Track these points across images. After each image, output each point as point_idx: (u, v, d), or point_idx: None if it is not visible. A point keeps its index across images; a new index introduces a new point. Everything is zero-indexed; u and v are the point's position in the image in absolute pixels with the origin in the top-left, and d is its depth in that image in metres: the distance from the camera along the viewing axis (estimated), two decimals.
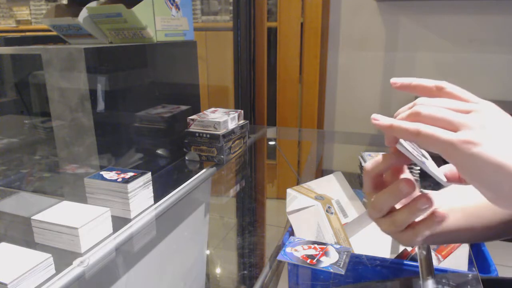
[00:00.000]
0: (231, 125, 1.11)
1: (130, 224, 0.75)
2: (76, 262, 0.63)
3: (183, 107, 1.15)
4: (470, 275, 0.61)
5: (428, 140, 0.34)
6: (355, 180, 0.98)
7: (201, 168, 1.06)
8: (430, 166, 0.40)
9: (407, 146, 0.39)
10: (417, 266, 0.63)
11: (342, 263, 0.62)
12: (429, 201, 0.39)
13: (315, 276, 0.73)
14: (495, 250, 0.57)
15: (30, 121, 1.11)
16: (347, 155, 1.48)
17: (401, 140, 0.39)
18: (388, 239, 0.75)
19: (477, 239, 0.57)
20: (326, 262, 0.62)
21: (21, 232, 0.73)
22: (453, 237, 0.54)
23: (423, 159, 0.40)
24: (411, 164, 0.94)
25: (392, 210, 0.42)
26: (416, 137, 0.35)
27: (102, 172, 0.79)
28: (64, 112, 0.87)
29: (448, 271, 0.65)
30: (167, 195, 0.89)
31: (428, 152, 0.40)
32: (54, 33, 1.10)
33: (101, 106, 0.86)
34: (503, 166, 0.33)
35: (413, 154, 0.38)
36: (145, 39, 1.03)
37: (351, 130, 2.32)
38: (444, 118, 0.35)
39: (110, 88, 0.88)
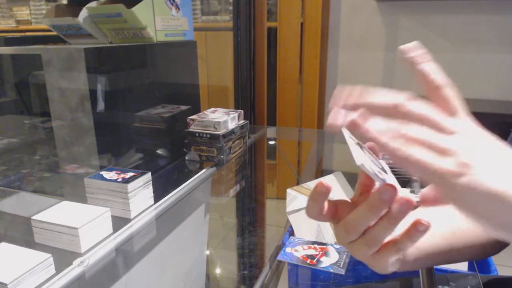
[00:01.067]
0: (231, 125, 1.11)
1: (130, 224, 0.75)
2: (76, 262, 0.63)
3: (183, 107, 1.15)
4: (470, 275, 0.61)
5: (416, 166, 0.29)
6: (355, 180, 0.98)
7: (201, 168, 1.06)
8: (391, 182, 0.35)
9: (367, 166, 0.33)
10: None
11: (342, 263, 0.62)
12: (410, 202, 0.33)
13: (315, 276, 0.73)
14: None
15: (30, 121, 1.11)
16: (347, 155, 1.48)
17: (355, 152, 0.34)
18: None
19: (458, 259, 0.53)
20: (326, 262, 0.62)
21: (21, 232, 0.73)
22: (433, 260, 0.50)
23: (384, 175, 0.35)
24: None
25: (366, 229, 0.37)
26: (402, 161, 0.30)
27: (102, 172, 0.79)
28: (64, 112, 0.87)
29: (448, 271, 0.65)
30: (167, 195, 0.89)
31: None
32: (54, 33, 1.10)
33: (101, 106, 0.86)
34: (500, 195, 0.29)
35: (375, 173, 0.33)
36: (145, 39, 1.03)
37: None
38: (428, 141, 0.30)
39: (110, 88, 0.88)
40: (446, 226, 0.51)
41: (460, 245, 0.50)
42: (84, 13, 1.00)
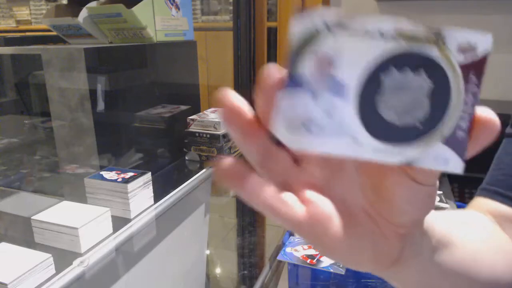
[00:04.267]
0: None
1: (130, 224, 0.75)
2: (76, 262, 0.63)
3: (183, 107, 1.15)
4: None
5: None
6: None
7: (201, 168, 1.06)
8: None
9: None
10: None
11: None
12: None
13: (315, 276, 0.73)
14: None
15: (30, 121, 1.11)
16: None
17: None
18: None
19: None
20: (326, 262, 0.63)
21: (21, 232, 0.73)
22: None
23: None
24: None
25: None
26: None
27: (102, 172, 0.79)
28: (64, 112, 0.87)
29: None
30: (167, 195, 0.89)
31: None
32: (54, 33, 1.10)
33: (101, 106, 0.86)
34: None
35: None
36: (145, 39, 1.03)
37: None
38: None
39: (110, 88, 0.88)
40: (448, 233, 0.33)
41: (479, 277, 0.35)
42: (84, 13, 1.00)
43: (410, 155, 0.18)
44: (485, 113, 0.19)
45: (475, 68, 0.17)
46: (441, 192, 0.84)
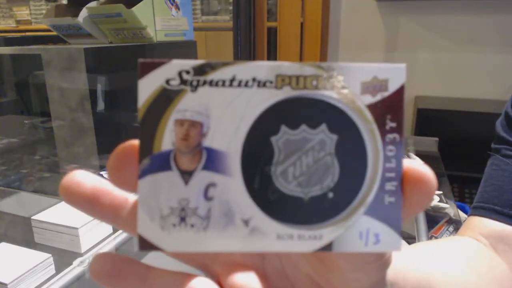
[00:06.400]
0: None
1: None
2: (76, 262, 0.63)
3: None
4: None
5: None
6: None
7: None
8: None
9: None
10: None
11: None
12: None
13: None
14: None
15: (30, 121, 1.11)
16: None
17: None
18: None
19: None
20: None
21: (21, 232, 0.73)
22: None
23: None
24: None
25: None
26: None
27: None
28: (64, 112, 0.87)
29: None
30: None
31: None
32: (54, 33, 1.10)
33: (101, 106, 0.86)
34: None
35: None
36: (145, 39, 1.03)
37: None
38: None
39: (110, 88, 0.88)
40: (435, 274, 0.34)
41: None
42: (84, 13, 1.00)
43: (327, 237, 0.14)
44: (415, 167, 0.14)
45: (389, 108, 0.14)
46: (441, 192, 0.84)
